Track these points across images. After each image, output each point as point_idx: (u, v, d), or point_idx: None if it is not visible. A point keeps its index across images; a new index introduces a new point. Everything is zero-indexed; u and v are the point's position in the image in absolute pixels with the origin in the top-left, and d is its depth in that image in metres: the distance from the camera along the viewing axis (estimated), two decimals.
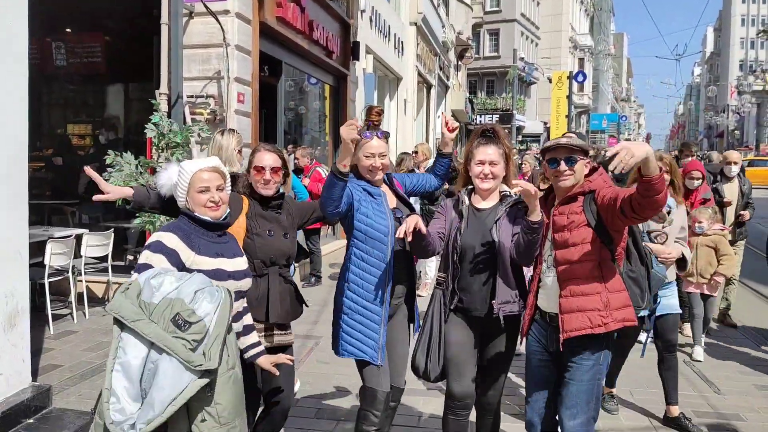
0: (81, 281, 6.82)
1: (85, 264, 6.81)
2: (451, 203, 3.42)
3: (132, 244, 7.90)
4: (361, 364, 3.26)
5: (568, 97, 30.91)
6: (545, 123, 42.12)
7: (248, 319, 2.89)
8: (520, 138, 37.84)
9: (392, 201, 3.36)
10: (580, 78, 35.60)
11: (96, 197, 3.10)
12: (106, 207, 8.20)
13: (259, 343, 2.91)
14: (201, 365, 2.23)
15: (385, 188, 3.38)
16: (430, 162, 5.58)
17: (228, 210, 2.74)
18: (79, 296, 6.83)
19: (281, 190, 3.35)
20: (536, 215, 2.84)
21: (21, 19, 4.15)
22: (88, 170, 3.13)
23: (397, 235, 2.97)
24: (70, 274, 6.58)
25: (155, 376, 2.24)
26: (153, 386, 2.24)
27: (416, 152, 8.18)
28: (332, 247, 10.75)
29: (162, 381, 2.22)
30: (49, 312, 6.29)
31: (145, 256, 2.55)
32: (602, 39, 64.80)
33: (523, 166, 9.00)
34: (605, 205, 2.80)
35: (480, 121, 39.52)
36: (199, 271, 2.52)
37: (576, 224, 2.88)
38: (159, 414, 2.21)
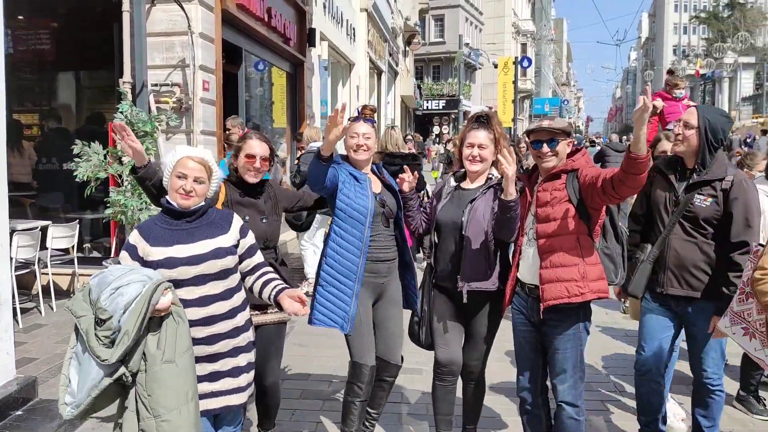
0: (47, 274, 6.71)
1: (51, 256, 6.71)
2: (438, 186, 3.63)
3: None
4: (348, 338, 3.46)
5: (514, 82, 31.43)
6: (490, 107, 42.60)
7: (262, 279, 2.88)
8: (465, 122, 38.21)
9: (377, 187, 3.54)
10: (525, 63, 36.22)
11: (127, 145, 3.05)
12: (66, 198, 8.05)
13: (276, 285, 2.85)
14: (106, 360, 2.34)
15: (372, 176, 3.56)
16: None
17: (201, 203, 2.74)
18: (45, 289, 6.73)
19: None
20: (509, 195, 3.04)
21: None
22: (120, 124, 3.12)
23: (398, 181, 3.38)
24: (36, 266, 6.48)
25: (83, 367, 2.42)
26: (81, 375, 2.42)
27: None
28: None
29: (86, 371, 2.40)
30: (18, 306, 6.18)
31: (120, 255, 2.71)
32: (543, 24, 65.92)
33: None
34: (587, 183, 3.00)
35: (427, 107, 39.86)
36: (152, 262, 2.62)
37: (558, 200, 3.08)
38: (82, 401, 2.40)
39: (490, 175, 3.47)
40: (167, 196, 2.73)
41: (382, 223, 3.47)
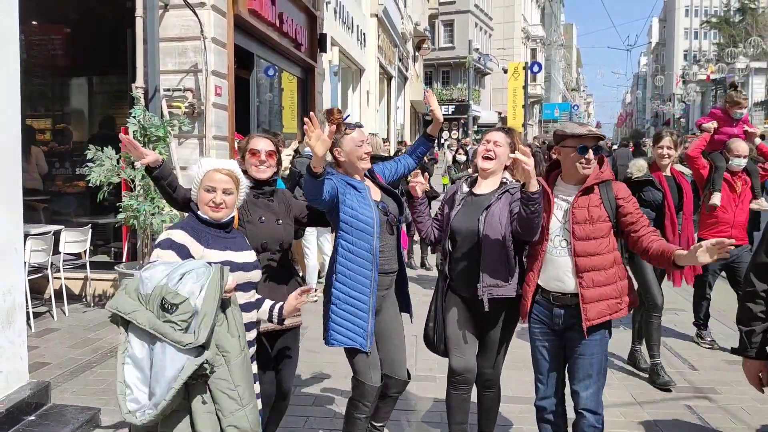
0: (59, 278, 6.73)
1: (63, 261, 6.73)
2: (450, 192, 3.59)
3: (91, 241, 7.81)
4: (351, 355, 3.36)
5: (524, 87, 31.40)
6: (500, 113, 42.69)
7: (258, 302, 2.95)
8: (475, 128, 38.28)
9: (376, 194, 3.45)
10: (535, 69, 36.20)
11: (140, 162, 3.08)
12: (79, 202, 8.08)
13: (273, 305, 2.94)
14: (190, 344, 2.27)
15: (368, 182, 3.47)
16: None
17: (232, 214, 2.80)
18: (57, 293, 6.74)
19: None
20: (533, 185, 2.94)
21: (13, 16, 4.12)
22: (127, 139, 3.11)
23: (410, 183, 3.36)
24: (49, 271, 6.49)
25: (154, 362, 2.30)
26: (154, 372, 2.30)
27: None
28: None
29: (160, 365, 2.28)
30: (31, 310, 6.20)
31: (155, 254, 2.62)
32: (553, 30, 65.86)
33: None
34: (625, 222, 3.10)
35: None
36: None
37: (596, 218, 3.06)
38: (162, 398, 2.27)
39: (504, 179, 3.43)
40: (199, 211, 2.74)
41: (387, 232, 3.37)
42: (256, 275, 2.84)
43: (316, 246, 7.50)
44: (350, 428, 3.41)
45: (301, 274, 7.37)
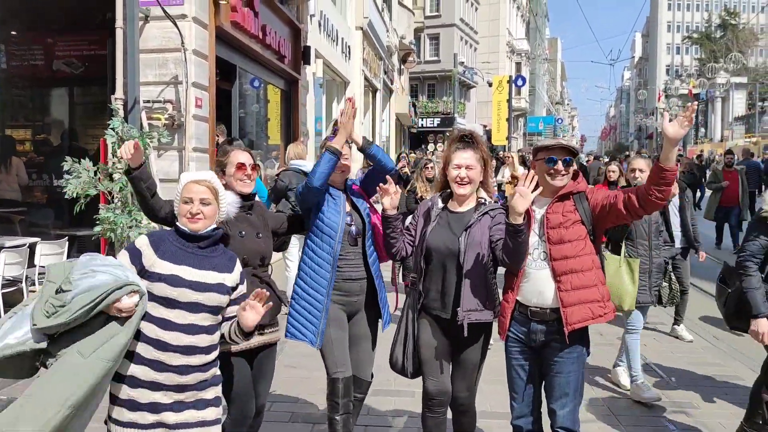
0: (34, 291, 6.62)
1: (39, 274, 6.63)
2: (424, 207, 3.52)
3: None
4: (322, 355, 3.50)
5: (509, 100, 31.54)
6: (485, 126, 42.86)
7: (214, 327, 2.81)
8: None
9: (348, 206, 3.60)
10: (519, 82, 36.43)
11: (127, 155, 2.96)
12: (57, 214, 7.99)
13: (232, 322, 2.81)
14: (36, 325, 2.37)
15: (345, 195, 3.62)
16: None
17: (213, 225, 2.75)
18: None
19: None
20: (519, 218, 2.88)
21: None
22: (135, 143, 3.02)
23: None
24: (23, 284, 6.39)
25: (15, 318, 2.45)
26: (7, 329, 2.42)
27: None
28: None
29: (14, 326, 2.42)
30: None
31: (119, 252, 2.71)
32: (538, 44, 66.46)
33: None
34: (601, 205, 3.02)
35: (422, 125, 40.00)
36: (155, 273, 2.59)
37: (571, 221, 3.03)
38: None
39: (482, 199, 3.37)
40: (179, 223, 2.73)
41: (349, 242, 3.51)
42: (211, 298, 2.64)
43: (297, 258, 7.44)
44: (330, 430, 3.51)
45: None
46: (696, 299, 6.18)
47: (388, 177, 3.45)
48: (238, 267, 2.84)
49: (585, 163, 22.25)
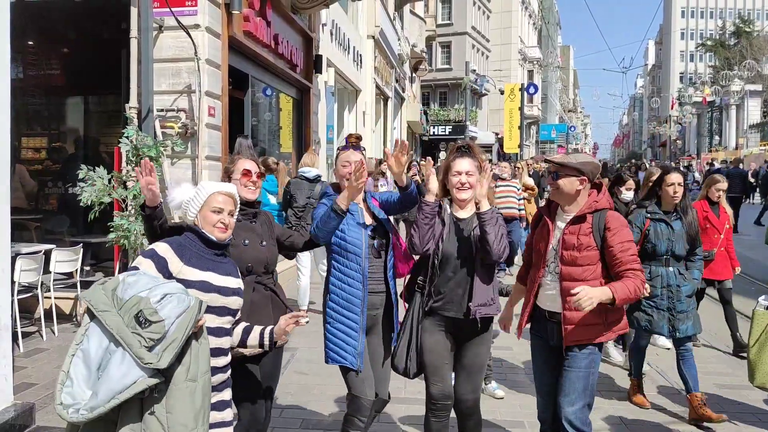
0: (49, 298, 6.70)
1: (54, 280, 6.70)
2: (434, 211, 3.56)
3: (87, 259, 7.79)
4: (345, 372, 3.42)
5: (520, 108, 31.54)
6: (497, 134, 42.86)
7: (241, 327, 2.93)
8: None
9: (368, 218, 3.54)
10: (531, 90, 36.38)
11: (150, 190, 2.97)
12: (71, 221, 8.07)
13: (263, 330, 2.92)
14: (151, 363, 2.26)
15: (362, 205, 3.56)
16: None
17: (231, 236, 2.84)
18: (47, 313, 6.71)
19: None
20: (482, 206, 3.26)
21: (3, 35, 4.15)
22: (147, 162, 3.03)
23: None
24: (39, 290, 6.46)
25: (107, 366, 2.27)
26: (103, 376, 2.27)
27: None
28: None
29: (112, 372, 2.25)
30: (19, 330, 6.16)
31: (137, 260, 2.67)
32: (550, 51, 66.38)
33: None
34: (611, 254, 3.14)
35: (434, 132, 40.06)
36: (185, 280, 2.60)
37: (585, 246, 3.14)
38: (102, 404, 2.24)
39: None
40: (203, 229, 2.75)
41: (373, 255, 3.47)
42: (233, 302, 2.78)
43: (309, 266, 7.47)
44: None
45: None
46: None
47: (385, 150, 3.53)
48: (238, 271, 2.94)
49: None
